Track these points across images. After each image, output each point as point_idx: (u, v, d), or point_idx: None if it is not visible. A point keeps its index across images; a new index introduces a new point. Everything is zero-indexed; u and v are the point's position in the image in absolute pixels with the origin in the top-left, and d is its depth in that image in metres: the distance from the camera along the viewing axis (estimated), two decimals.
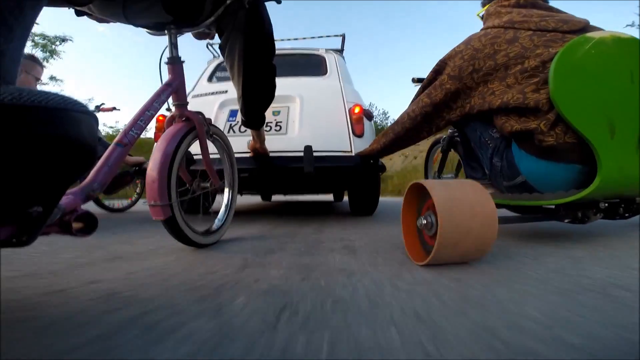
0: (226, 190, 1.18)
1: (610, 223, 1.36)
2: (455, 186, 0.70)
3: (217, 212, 1.14)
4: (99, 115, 2.66)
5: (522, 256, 0.80)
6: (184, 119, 0.95)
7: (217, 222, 1.08)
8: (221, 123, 1.74)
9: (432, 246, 0.73)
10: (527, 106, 0.92)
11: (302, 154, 1.53)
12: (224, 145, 1.16)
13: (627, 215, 1.02)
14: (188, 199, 0.94)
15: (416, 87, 1.34)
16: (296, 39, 2.68)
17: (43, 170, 0.38)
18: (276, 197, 5.55)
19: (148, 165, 0.83)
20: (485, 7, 1.25)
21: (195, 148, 1.02)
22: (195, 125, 0.94)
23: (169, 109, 0.95)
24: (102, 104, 2.60)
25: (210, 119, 1.02)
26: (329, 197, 5.94)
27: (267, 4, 1.05)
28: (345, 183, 1.93)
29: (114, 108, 2.64)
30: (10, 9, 0.44)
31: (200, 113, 0.98)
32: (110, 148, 0.77)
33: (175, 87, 0.91)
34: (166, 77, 0.92)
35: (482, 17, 1.29)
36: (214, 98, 1.84)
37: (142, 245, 1.01)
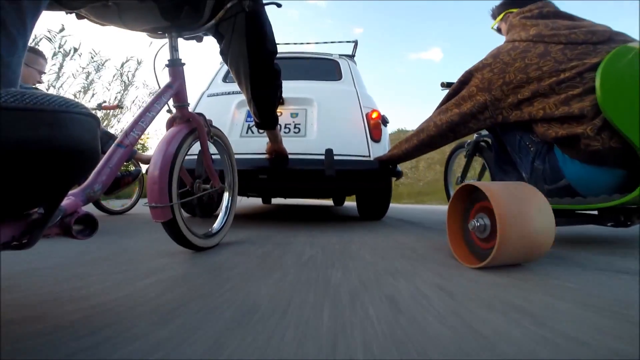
0: (226, 193, 1.18)
1: None
2: (513, 188, 0.71)
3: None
4: (101, 113, 2.54)
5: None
6: (185, 120, 0.95)
7: (217, 225, 1.08)
8: (239, 124, 1.73)
9: (483, 248, 0.75)
10: (571, 115, 0.95)
11: (321, 156, 1.53)
12: (224, 147, 1.16)
13: None
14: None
15: (444, 92, 1.35)
16: (308, 43, 2.76)
17: (45, 173, 0.38)
18: (275, 200, 5.51)
19: (149, 167, 0.83)
20: (499, 18, 1.26)
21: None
22: (197, 127, 0.94)
23: (169, 111, 0.95)
24: (104, 101, 2.46)
25: (210, 120, 1.02)
26: (329, 201, 5.90)
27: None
28: (362, 187, 1.93)
29: (118, 105, 2.49)
30: (12, 21, 0.43)
31: (201, 114, 0.98)
32: (111, 149, 0.76)
33: (176, 89, 0.91)
34: (163, 79, 0.92)
35: (497, 29, 1.30)
36: (231, 98, 1.82)
37: None
